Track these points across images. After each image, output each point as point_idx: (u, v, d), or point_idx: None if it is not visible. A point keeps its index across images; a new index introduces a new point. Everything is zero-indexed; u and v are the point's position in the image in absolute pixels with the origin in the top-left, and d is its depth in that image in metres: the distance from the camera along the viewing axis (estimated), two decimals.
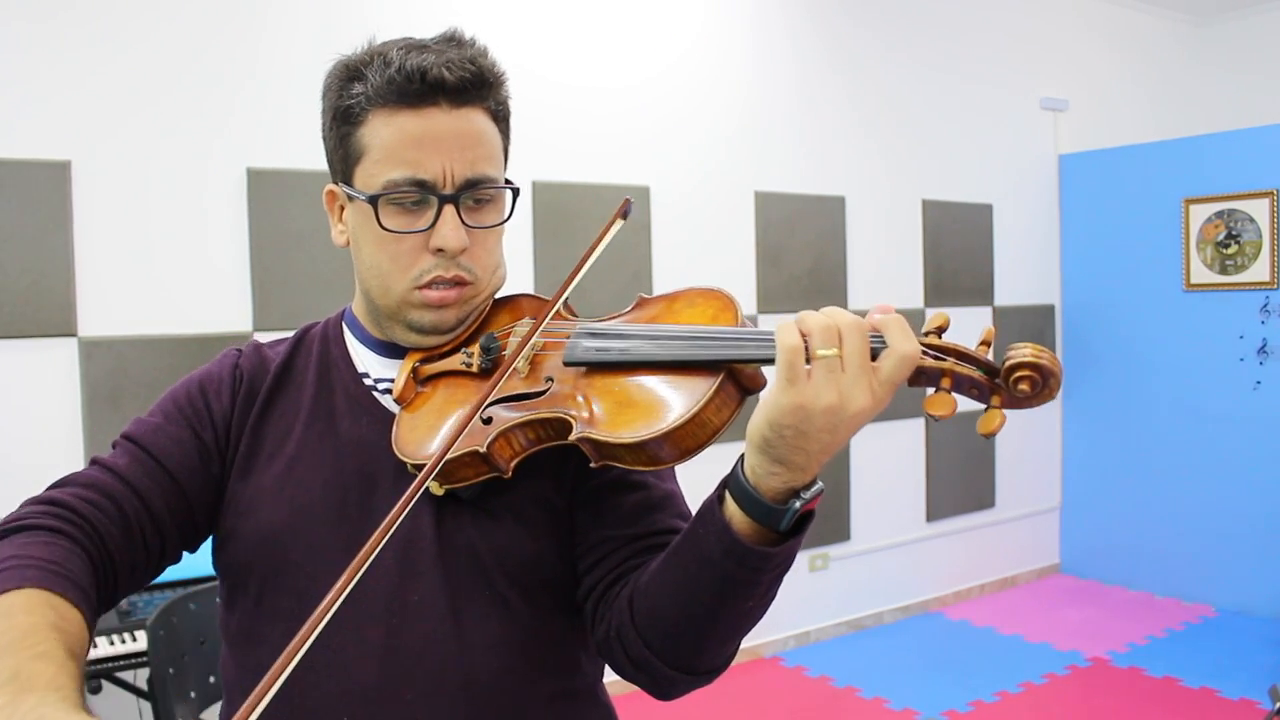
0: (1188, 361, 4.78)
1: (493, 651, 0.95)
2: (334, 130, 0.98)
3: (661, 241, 3.88)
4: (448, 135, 0.95)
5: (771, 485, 0.79)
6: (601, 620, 0.97)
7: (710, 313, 0.92)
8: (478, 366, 0.99)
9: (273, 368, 1.05)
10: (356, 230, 1.00)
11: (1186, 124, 5.50)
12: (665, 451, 0.85)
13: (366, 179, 0.96)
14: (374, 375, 1.05)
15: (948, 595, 4.88)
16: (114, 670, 2.50)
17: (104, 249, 2.86)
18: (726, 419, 0.85)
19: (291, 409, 1.03)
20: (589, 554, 0.99)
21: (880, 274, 4.53)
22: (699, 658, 0.92)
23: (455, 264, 0.97)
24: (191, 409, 1.01)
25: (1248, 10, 5.81)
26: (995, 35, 4.98)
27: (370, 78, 0.94)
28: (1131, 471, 5.03)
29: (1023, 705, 3.69)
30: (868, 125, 4.52)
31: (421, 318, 0.99)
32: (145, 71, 2.91)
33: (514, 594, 0.96)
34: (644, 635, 0.91)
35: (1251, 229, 4.55)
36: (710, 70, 4.04)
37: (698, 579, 0.85)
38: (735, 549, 0.81)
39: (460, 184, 0.96)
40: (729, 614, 0.87)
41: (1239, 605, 4.62)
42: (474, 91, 0.97)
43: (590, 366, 0.92)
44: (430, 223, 0.95)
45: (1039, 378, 0.75)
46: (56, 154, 2.79)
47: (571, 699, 1.02)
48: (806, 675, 4.05)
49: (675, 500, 1.03)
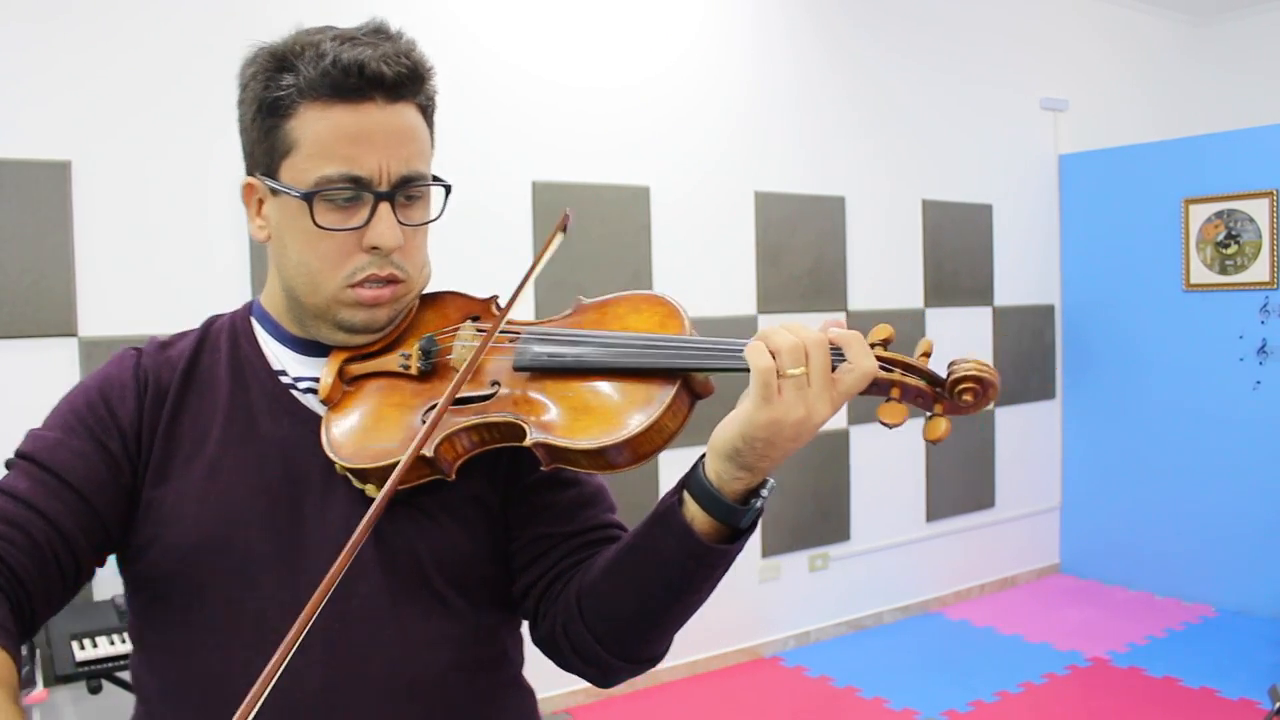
0: (1187, 361, 4.78)
1: (435, 650, 0.95)
2: (258, 121, 0.95)
3: (661, 241, 3.88)
4: (383, 131, 0.92)
5: (734, 488, 0.85)
6: (545, 617, 0.99)
7: (657, 319, 0.93)
8: (416, 369, 0.97)
9: (179, 365, 1.00)
10: (281, 226, 0.96)
11: (1186, 124, 5.50)
12: (623, 457, 0.87)
13: (296, 174, 0.93)
14: (292, 373, 1.01)
15: (948, 595, 4.88)
16: (114, 670, 2.50)
17: (104, 249, 2.86)
18: (680, 425, 0.88)
19: (207, 409, 0.98)
20: (526, 551, 1.00)
21: (880, 274, 4.53)
22: (647, 649, 0.96)
23: (389, 262, 0.95)
24: (94, 418, 0.95)
25: (1248, 10, 5.80)
26: (995, 35, 4.98)
27: (302, 69, 0.91)
28: (1131, 471, 5.03)
29: (1023, 705, 3.69)
30: (868, 125, 4.52)
31: (353, 316, 0.97)
32: (145, 71, 2.91)
33: (452, 592, 0.97)
34: (594, 631, 0.94)
35: (1251, 229, 4.55)
36: (710, 70, 4.04)
37: (657, 578, 0.89)
38: (697, 549, 0.86)
39: (396, 181, 0.94)
40: (681, 608, 0.92)
41: (1239, 605, 4.62)
42: (409, 86, 0.94)
43: (541, 371, 0.92)
44: (364, 220, 0.93)
45: (980, 389, 0.82)
46: (56, 154, 2.79)
47: (505, 689, 1.04)
48: (806, 675, 4.05)
49: (606, 493, 1.06)
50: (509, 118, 3.55)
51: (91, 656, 2.47)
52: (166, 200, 2.95)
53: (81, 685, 2.59)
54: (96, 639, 2.51)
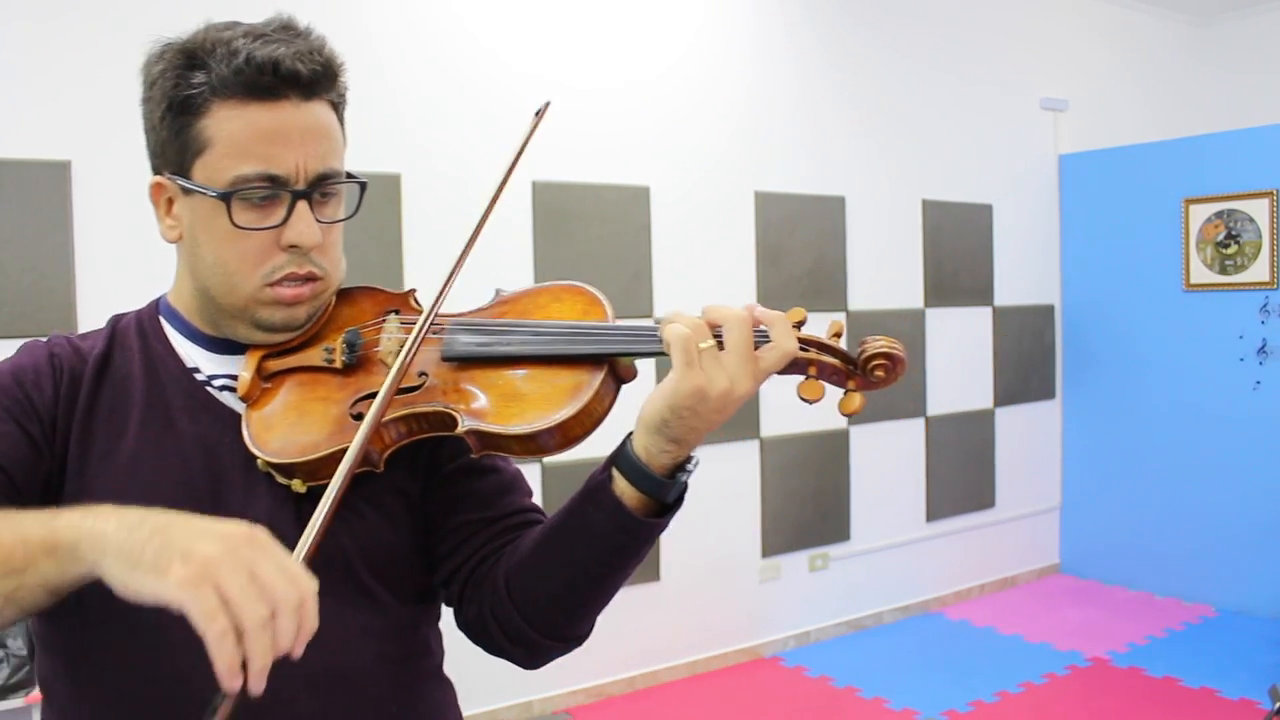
0: (1187, 361, 4.78)
1: (360, 642, 0.96)
2: (167, 120, 0.93)
3: (661, 241, 3.88)
4: (299, 129, 0.92)
5: (662, 462, 0.88)
6: (470, 602, 1.00)
7: (580, 308, 0.97)
8: (341, 362, 0.97)
9: (90, 359, 0.98)
10: (194, 226, 0.95)
11: (1186, 124, 5.50)
12: (554, 441, 0.90)
13: (211, 173, 0.92)
14: (206, 371, 1.00)
15: (948, 595, 4.88)
16: None
17: (104, 249, 2.86)
18: (608, 408, 0.92)
19: (121, 405, 0.96)
20: (448, 539, 1.02)
21: (880, 274, 4.53)
22: (575, 625, 0.98)
23: (307, 260, 0.95)
24: (11, 401, 0.92)
25: (1248, 10, 5.81)
26: (995, 35, 4.98)
27: (214, 67, 0.90)
28: (1131, 471, 5.03)
29: (1023, 705, 3.69)
30: (868, 125, 4.52)
31: (272, 315, 0.96)
32: None
33: (377, 585, 0.97)
34: (522, 610, 0.95)
35: (1251, 229, 4.55)
36: (710, 71, 4.04)
37: (585, 553, 0.92)
38: (628, 523, 0.89)
39: (312, 179, 0.93)
40: (609, 582, 0.95)
41: (1239, 605, 4.62)
42: (322, 84, 0.94)
43: (469, 361, 0.94)
44: (282, 219, 0.93)
45: (890, 364, 0.87)
46: (56, 154, 2.79)
47: (427, 681, 1.05)
48: (806, 675, 4.05)
49: (523, 480, 1.09)
50: (509, 117, 3.54)
51: None
52: None
53: None
54: None
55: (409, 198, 3.32)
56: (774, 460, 4.20)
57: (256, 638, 0.69)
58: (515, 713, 3.60)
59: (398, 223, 3.30)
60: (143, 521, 0.73)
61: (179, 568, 0.69)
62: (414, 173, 3.33)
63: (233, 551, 0.70)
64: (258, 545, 0.72)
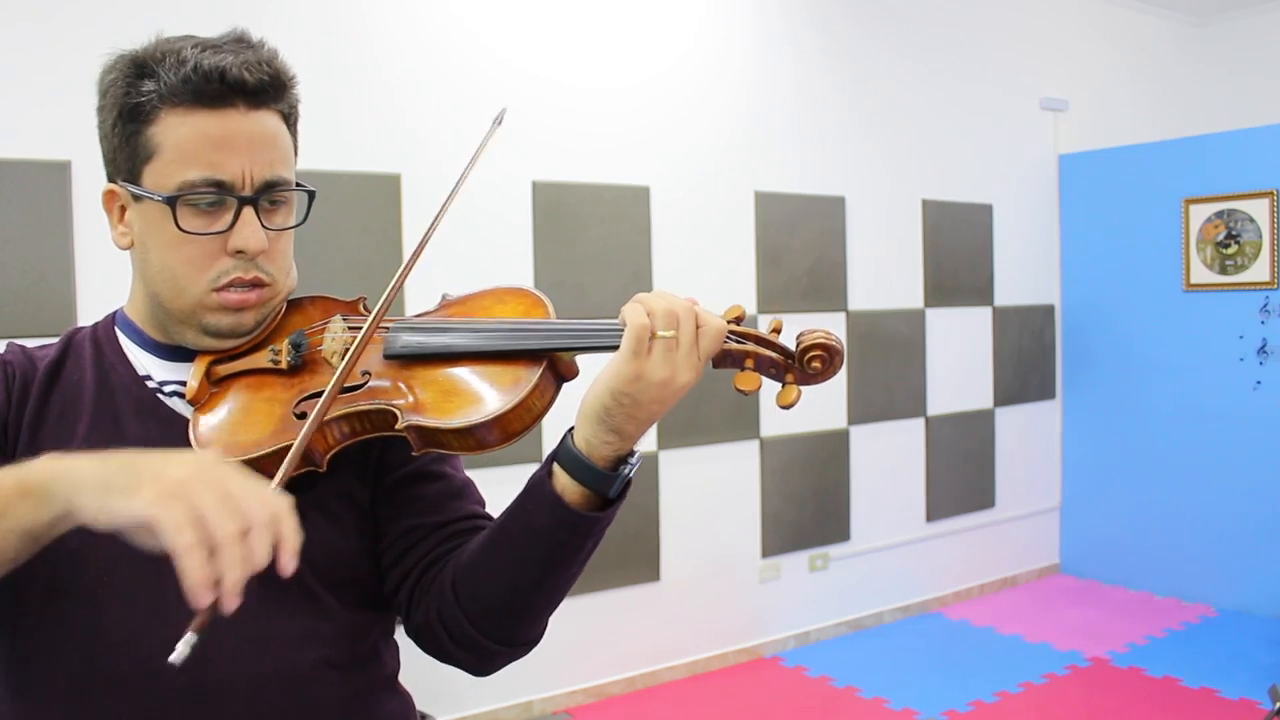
0: (1187, 361, 4.78)
1: (304, 647, 0.95)
2: (118, 128, 0.97)
3: (661, 241, 3.88)
4: (245, 137, 0.93)
5: (604, 454, 0.88)
6: (418, 606, 1.00)
7: (522, 308, 0.98)
8: (287, 363, 0.99)
9: (41, 367, 0.99)
10: (144, 232, 0.97)
11: (1186, 124, 5.50)
12: (493, 435, 0.90)
13: (158, 179, 0.94)
14: (157, 378, 1.01)
15: (948, 595, 4.88)
16: None
17: (104, 249, 2.85)
18: (548, 404, 0.92)
19: (70, 412, 0.97)
20: (396, 544, 1.01)
21: (880, 274, 4.53)
22: (523, 629, 0.98)
23: (254, 265, 0.96)
24: None
25: (1248, 10, 5.81)
26: (995, 35, 4.98)
27: (163, 75, 0.93)
28: (1131, 471, 5.03)
29: (1023, 705, 3.69)
30: (868, 125, 4.52)
31: (219, 321, 0.97)
32: None
33: (322, 589, 0.97)
34: (468, 613, 0.95)
35: (1251, 229, 4.55)
36: (710, 70, 4.04)
37: (529, 552, 0.92)
38: (568, 518, 0.89)
39: (259, 185, 0.95)
40: (555, 582, 0.94)
41: (1239, 605, 4.62)
42: (270, 94, 0.96)
43: (410, 359, 0.95)
44: (228, 224, 0.94)
45: (827, 356, 0.88)
46: (56, 154, 2.79)
47: (377, 690, 1.04)
48: (806, 675, 4.05)
49: (473, 488, 1.08)
50: (510, 117, 3.54)
51: None
52: None
53: None
54: None
55: (409, 198, 3.32)
56: (774, 460, 4.20)
57: (229, 551, 0.69)
58: (515, 713, 3.60)
59: (398, 223, 3.30)
60: (113, 455, 0.76)
61: (150, 486, 0.70)
62: (414, 173, 3.33)
63: (204, 471, 0.72)
64: (227, 469, 0.74)
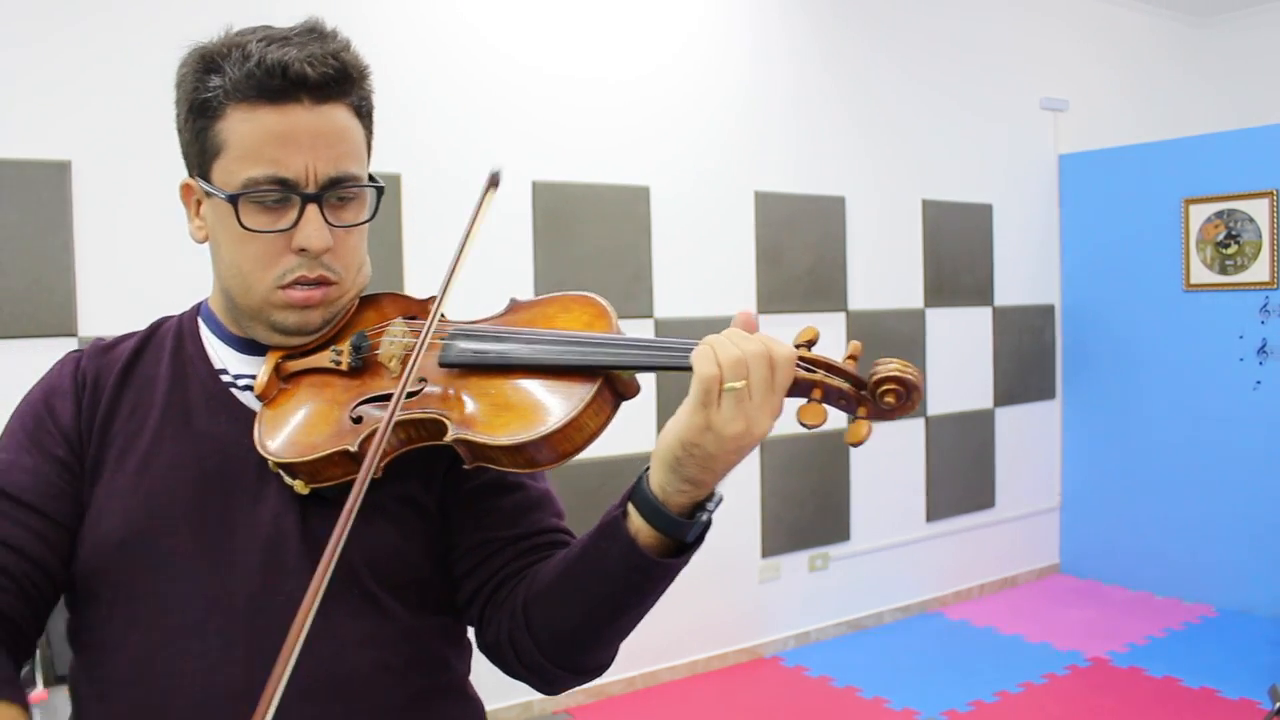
0: (1187, 361, 4.78)
1: (363, 649, 0.94)
2: (190, 123, 0.95)
3: (661, 242, 3.88)
4: (310, 132, 0.91)
5: (679, 501, 0.83)
6: (490, 624, 0.98)
7: (586, 319, 0.94)
8: (347, 365, 0.97)
9: (117, 364, 1.01)
10: (215, 227, 0.97)
11: (1186, 124, 5.50)
12: (543, 454, 0.86)
13: (225, 176, 0.93)
14: (233, 371, 1.01)
15: (948, 595, 4.88)
16: None
17: (104, 249, 2.86)
18: (603, 424, 0.88)
19: (142, 405, 0.98)
20: (470, 556, 1.00)
21: (880, 274, 4.53)
22: (591, 659, 0.96)
23: (319, 264, 0.94)
24: (40, 430, 0.97)
25: (1247, 10, 5.81)
26: (995, 35, 4.98)
27: (228, 71, 0.91)
28: (1131, 471, 5.03)
29: (1023, 705, 3.69)
30: (867, 125, 4.52)
31: (285, 318, 0.96)
32: (145, 71, 2.91)
33: (383, 592, 0.96)
34: (538, 641, 0.93)
35: (1251, 229, 4.55)
36: (710, 70, 4.04)
37: (601, 591, 0.89)
38: (642, 564, 0.85)
39: (323, 182, 0.93)
40: (626, 621, 0.92)
41: (1239, 605, 4.62)
42: (337, 87, 0.93)
43: (466, 368, 0.92)
44: (292, 222, 0.93)
45: (903, 390, 0.80)
46: (56, 154, 2.79)
47: (443, 696, 1.02)
48: (806, 675, 4.05)
49: (552, 499, 1.05)
50: (510, 117, 3.55)
51: None
52: (166, 200, 2.94)
53: None
54: None
55: (409, 198, 3.32)
56: (774, 460, 4.20)
57: None
58: (515, 713, 3.60)
59: (398, 223, 3.30)
60: None
61: None
62: (414, 173, 3.33)
63: None
64: None
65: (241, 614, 0.91)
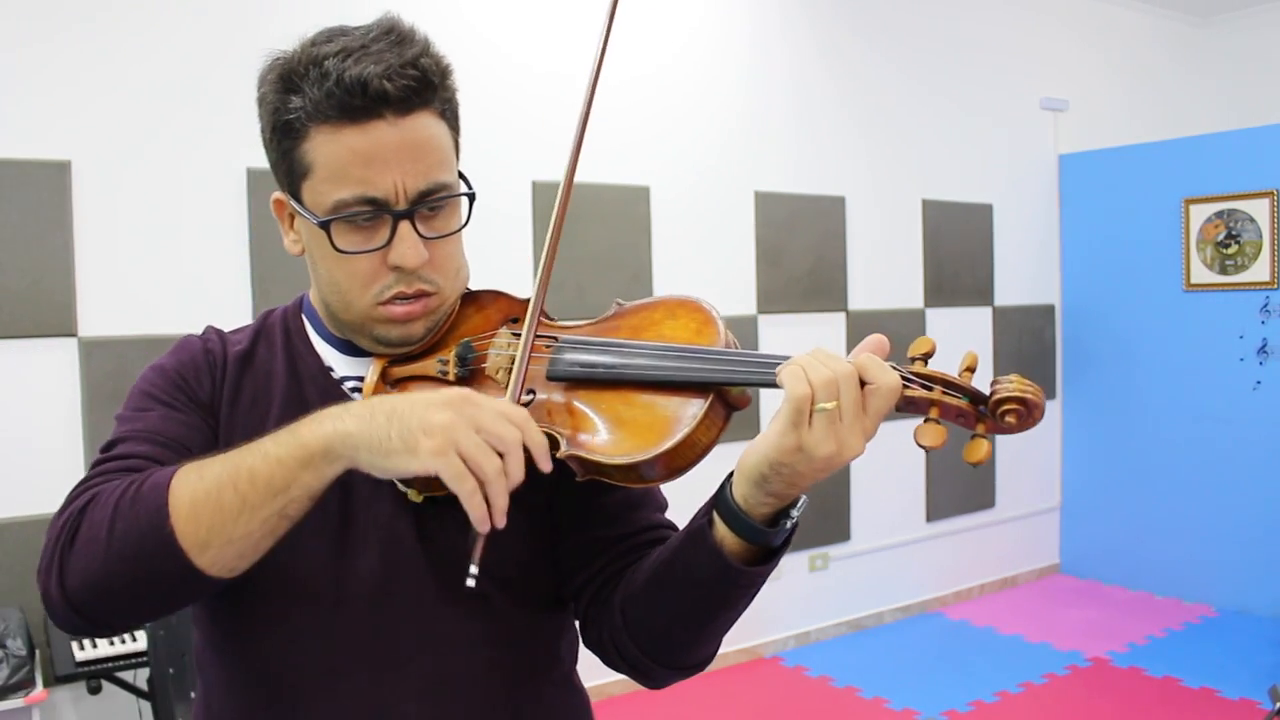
0: (1188, 362, 4.77)
1: (478, 649, 0.96)
2: (275, 143, 0.94)
3: (661, 242, 3.88)
4: (396, 148, 0.89)
5: (762, 513, 0.83)
6: (594, 623, 0.99)
7: (693, 327, 0.92)
8: (454, 375, 0.96)
9: (236, 352, 1.02)
10: (310, 244, 0.97)
11: (1186, 124, 5.50)
12: (656, 472, 0.86)
13: (315, 197, 0.92)
14: (339, 372, 1.02)
15: (948, 595, 4.88)
16: (114, 670, 2.50)
17: (104, 249, 2.86)
18: (715, 438, 0.86)
19: (263, 398, 1.00)
20: (574, 555, 1.00)
21: (880, 274, 4.53)
22: (690, 656, 0.96)
23: (416, 278, 0.93)
24: (184, 395, 0.97)
25: (1247, 10, 5.81)
26: (995, 35, 4.98)
27: (308, 91, 0.89)
28: (1131, 471, 5.03)
29: (1023, 705, 3.69)
30: (867, 125, 4.52)
31: (388, 332, 0.96)
32: (145, 71, 2.91)
33: (496, 593, 0.96)
34: (636, 639, 0.94)
35: (1251, 229, 4.55)
36: (709, 70, 4.04)
37: (692, 597, 0.89)
38: (728, 572, 0.85)
39: (414, 197, 0.91)
40: (720, 622, 0.92)
41: (1239, 605, 4.62)
42: (418, 97, 0.91)
43: (574, 381, 0.91)
44: (385, 240, 0.91)
45: (1024, 410, 0.78)
46: (56, 154, 2.79)
47: (554, 689, 1.04)
48: (806, 675, 4.05)
49: (655, 494, 1.05)
50: (510, 116, 3.54)
51: (91, 656, 2.47)
52: (166, 200, 2.95)
53: (81, 685, 2.59)
54: (96, 640, 2.51)
55: None
56: None
57: (495, 484, 0.77)
58: None
59: None
60: (374, 410, 0.80)
61: (424, 443, 0.77)
62: None
63: (459, 412, 0.78)
64: (474, 400, 0.79)
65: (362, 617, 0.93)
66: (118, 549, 0.80)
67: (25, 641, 2.45)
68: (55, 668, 2.45)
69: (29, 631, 2.51)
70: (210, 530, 0.80)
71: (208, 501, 0.80)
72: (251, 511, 0.80)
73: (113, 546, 0.80)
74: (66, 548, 0.82)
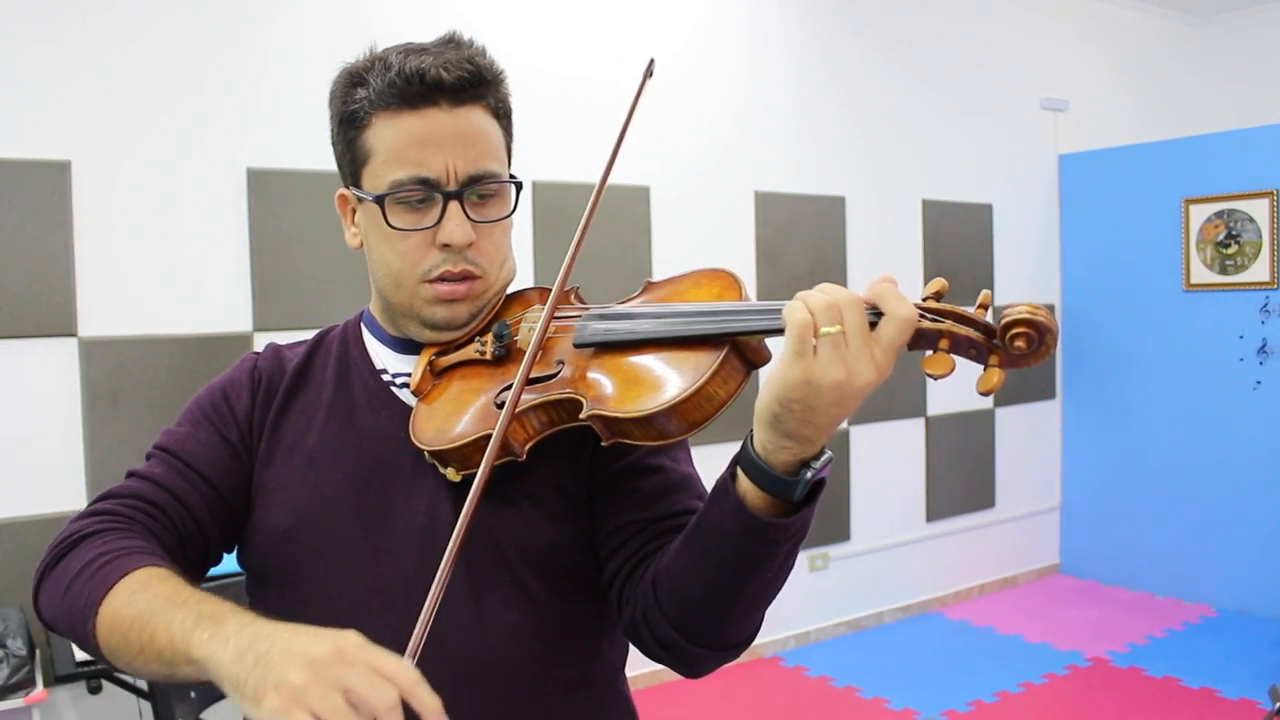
0: (1187, 362, 4.78)
1: (514, 637, 0.97)
2: (341, 135, 1.02)
3: (661, 242, 3.88)
4: (449, 133, 0.98)
5: (782, 459, 0.81)
6: (627, 604, 0.98)
7: (715, 291, 0.96)
8: (491, 354, 1.02)
9: (290, 368, 1.09)
10: (368, 231, 1.04)
11: (1186, 124, 5.50)
12: (673, 425, 0.86)
13: (373, 181, 0.99)
14: (392, 371, 1.08)
15: (948, 595, 4.88)
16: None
17: (104, 249, 2.86)
18: (733, 391, 0.86)
19: (310, 406, 1.06)
20: (611, 539, 1.01)
21: (880, 274, 4.51)
22: (724, 633, 0.94)
23: (463, 258, 1.00)
24: (216, 414, 1.06)
25: (1247, 11, 5.81)
26: (995, 35, 4.98)
27: (372, 82, 0.98)
28: (1131, 471, 5.03)
29: (1023, 705, 3.69)
30: (867, 125, 4.52)
31: (434, 313, 1.02)
32: (146, 71, 2.91)
33: (534, 579, 0.98)
34: (669, 616, 0.92)
35: (1251, 229, 4.55)
36: (709, 70, 4.04)
37: (717, 556, 0.87)
38: (752, 524, 0.83)
39: (463, 180, 0.99)
40: (751, 587, 0.90)
41: (1239, 605, 4.62)
42: (472, 90, 1.00)
43: (599, 347, 0.95)
44: (436, 219, 0.99)
45: (1035, 334, 0.77)
46: (56, 154, 2.79)
47: (592, 687, 1.05)
48: (806, 675, 4.05)
49: (693, 482, 1.04)
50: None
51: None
52: (166, 200, 2.95)
53: (81, 685, 2.59)
54: None
55: None
56: None
57: None
58: None
59: None
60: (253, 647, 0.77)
61: (270, 698, 0.73)
62: None
63: (320, 675, 0.73)
64: (348, 659, 0.74)
65: (396, 602, 0.95)
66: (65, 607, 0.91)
67: (25, 641, 2.45)
68: (55, 668, 2.45)
69: (29, 631, 2.51)
70: (115, 650, 0.87)
71: (121, 626, 0.86)
72: (145, 660, 0.85)
73: (64, 600, 0.91)
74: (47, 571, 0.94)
